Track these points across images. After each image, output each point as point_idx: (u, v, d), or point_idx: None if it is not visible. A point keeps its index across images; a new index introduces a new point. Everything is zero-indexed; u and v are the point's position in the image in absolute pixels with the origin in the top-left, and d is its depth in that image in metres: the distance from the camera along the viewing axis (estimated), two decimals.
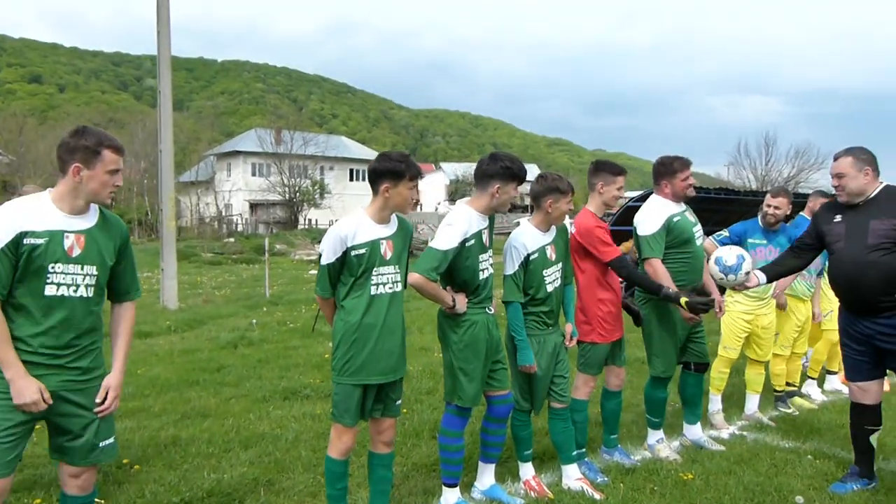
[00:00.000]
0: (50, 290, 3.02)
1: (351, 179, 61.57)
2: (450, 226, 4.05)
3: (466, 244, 4.04)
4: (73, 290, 3.07)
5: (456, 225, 4.03)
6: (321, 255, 3.77)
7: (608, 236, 4.72)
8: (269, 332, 10.81)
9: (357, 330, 3.72)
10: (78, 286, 3.09)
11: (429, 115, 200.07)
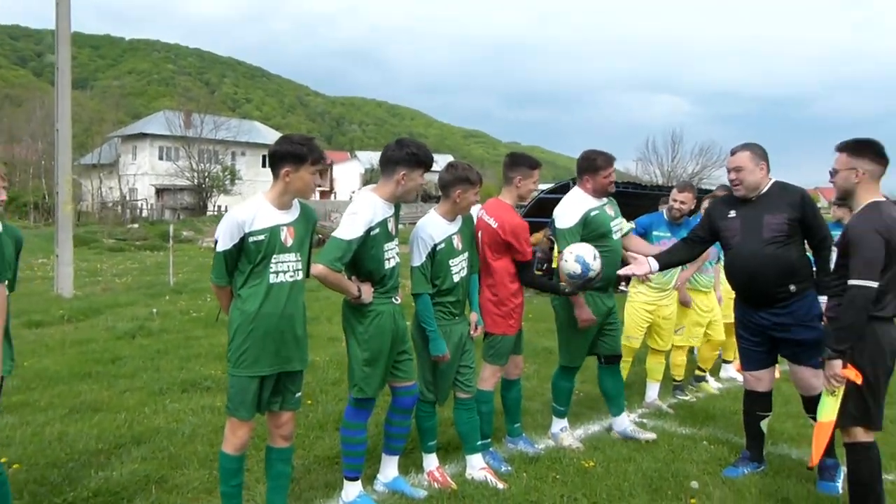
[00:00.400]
0: None
1: (263, 166, 60.10)
2: (354, 214, 3.94)
3: (371, 233, 3.94)
4: None
5: (360, 213, 3.93)
6: (216, 241, 3.60)
7: (527, 233, 4.73)
8: (171, 321, 10.39)
9: (254, 320, 3.58)
10: None
11: (345, 103, 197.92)
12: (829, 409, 3.77)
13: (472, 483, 4.43)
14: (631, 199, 15.62)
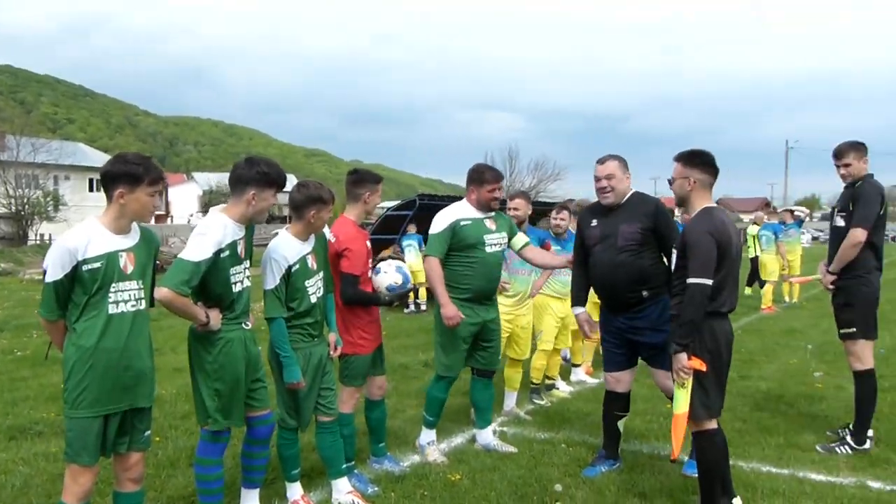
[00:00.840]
0: None
1: (91, 190, 56.29)
2: (202, 235, 3.72)
3: (220, 255, 3.74)
4: None
5: (209, 234, 3.72)
6: (45, 271, 3.28)
7: (362, 252, 4.65)
8: None
9: (93, 355, 3.29)
10: None
11: (179, 123, 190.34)
12: (682, 401, 4.01)
13: None
14: None
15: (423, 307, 14.66)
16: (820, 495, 4.47)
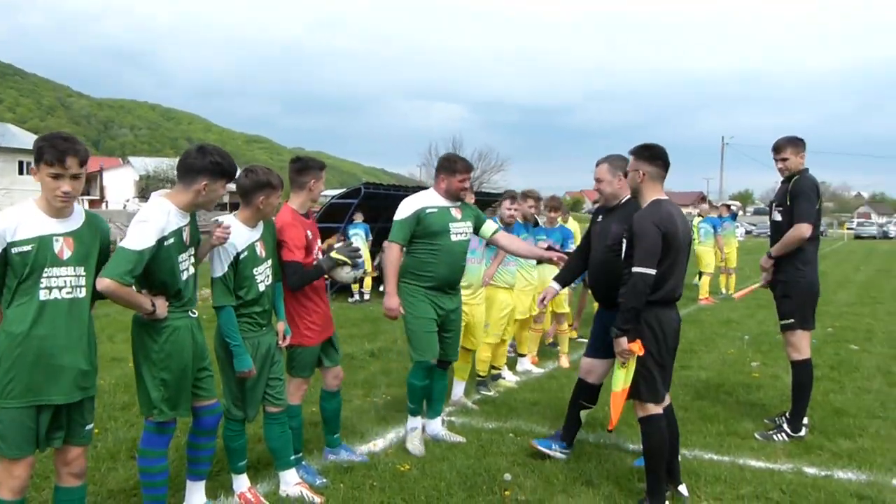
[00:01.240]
0: None
1: (21, 172, 54.20)
2: (144, 222, 3.58)
3: (164, 243, 3.61)
4: None
5: (151, 221, 3.58)
6: None
7: (299, 237, 4.51)
8: None
9: (22, 342, 3.16)
10: None
11: (114, 106, 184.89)
12: (620, 380, 4.20)
13: (288, 500, 4.25)
14: None
15: (367, 296, 14.57)
16: (759, 481, 4.60)
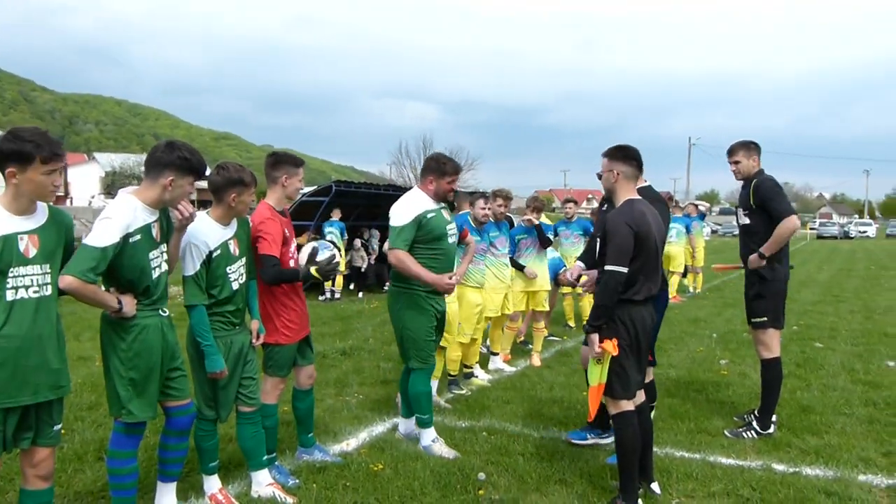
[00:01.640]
0: None
1: None
2: (108, 219, 3.51)
3: (130, 240, 3.54)
4: None
5: (116, 218, 3.51)
6: None
7: (277, 232, 4.42)
8: None
9: None
10: None
11: (79, 101, 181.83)
12: (595, 376, 4.25)
13: (259, 501, 4.20)
14: (391, 202, 15.93)
15: (338, 295, 14.50)
16: (730, 478, 4.65)
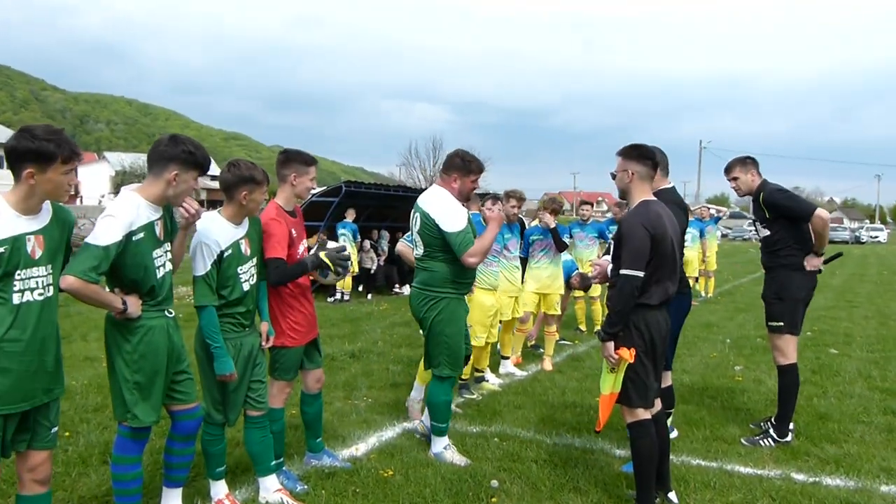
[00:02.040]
0: None
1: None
2: (110, 217, 3.42)
3: (133, 238, 3.45)
4: None
5: (118, 216, 3.42)
6: None
7: (282, 233, 4.31)
8: None
9: None
10: None
11: (90, 100, 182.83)
12: (608, 384, 4.10)
13: None
14: (402, 202, 15.90)
15: (347, 297, 14.42)
16: (749, 488, 4.53)
